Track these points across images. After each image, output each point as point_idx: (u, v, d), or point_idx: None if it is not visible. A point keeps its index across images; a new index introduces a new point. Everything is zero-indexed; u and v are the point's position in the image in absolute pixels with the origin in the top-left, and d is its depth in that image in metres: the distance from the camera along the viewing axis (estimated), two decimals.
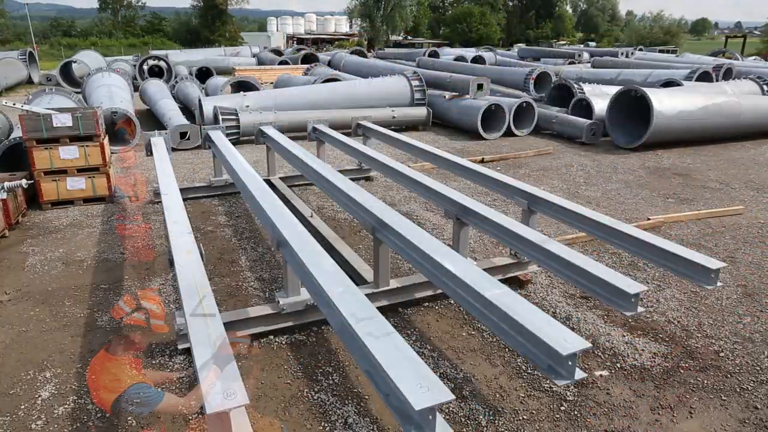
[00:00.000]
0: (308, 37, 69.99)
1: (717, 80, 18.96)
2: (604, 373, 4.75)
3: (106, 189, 9.33)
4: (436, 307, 5.83)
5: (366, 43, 59.99)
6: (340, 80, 17.81)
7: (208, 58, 33.67)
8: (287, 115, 13.91)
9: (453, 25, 70.14)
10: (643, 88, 13.23)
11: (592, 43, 67.06)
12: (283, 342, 5.20)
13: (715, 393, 4.52)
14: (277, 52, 37.23)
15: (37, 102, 11.96)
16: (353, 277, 5.29)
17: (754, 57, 37.38)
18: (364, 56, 32.58)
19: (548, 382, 4.61)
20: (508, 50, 44.94)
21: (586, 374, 3.91)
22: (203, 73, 25.84)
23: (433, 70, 20.11)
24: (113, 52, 44.20)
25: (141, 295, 3.12)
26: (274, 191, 6.53)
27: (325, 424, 4.15)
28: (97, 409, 4.19)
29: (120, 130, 12.96)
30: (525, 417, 4.23)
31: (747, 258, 7.16)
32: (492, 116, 14.81)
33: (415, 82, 16.20)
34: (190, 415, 3.19)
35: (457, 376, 4.71)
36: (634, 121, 13.53)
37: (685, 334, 5.37)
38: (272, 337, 5.25)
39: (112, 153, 10.56)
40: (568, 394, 4.49)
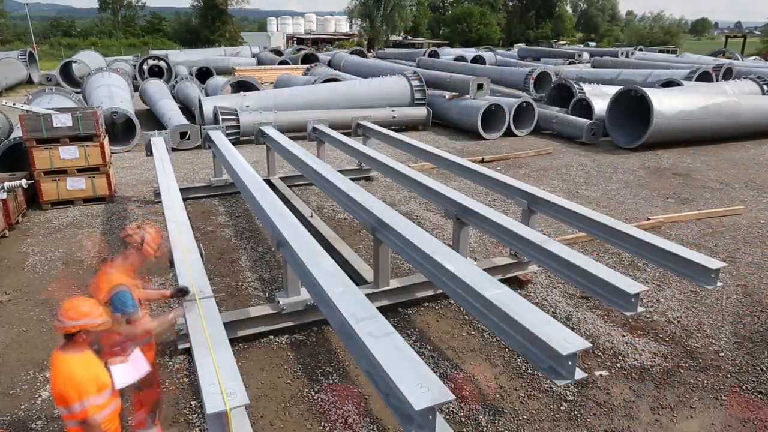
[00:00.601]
0: (308, 37, 69.97)
1: (717, 80, 18.97)
2: (604, 373, 4.75)
3: (107, 189, 9.33)
4: (436, 307, 5.83)
5: (366, 43, 59.96)
6: (340, 80, 17.82)
7: (208, 58, 33.68)
8: (287, 115, 13.91)
9: (453, 25, 70.13)
10: (643, 88, 13.24)
11: (592, 43, 67.00)
12: (284, 342, 5.20)
13: (715, 393, 4.52)
14: (277, 52, 37.25)
15: (37, 102, 11.97)
16: (353, 277, 5.29)
17: (754, 57, 37.41)
18: (364, 56, 32.59)
19: (548, 382, 4.61)
20: (508, 50, 44.93)
21: (586, 374, 3.91)
22: (203, 73, 25.85)
23: (433, 70, 20.12)
24: (113, 52, 44.19)
25: (144, 224, 3.62)
26: (274, 191, 6.53)
27: (325, 424, 4.16)
28: None
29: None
30: (525, 417, 4.23)
31: (747, 258, 7.16)
32: (492, 116, 14.81)
33: (415, 82, 16.21)
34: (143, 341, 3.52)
35: (457, 376, 4.71)
36: (634, 121, 13.53)
37: (685, 334, 5.37)
38: (272, 337, 5.25)
39: (112, 153, 10.56)
40: (568, 394, 4.50)
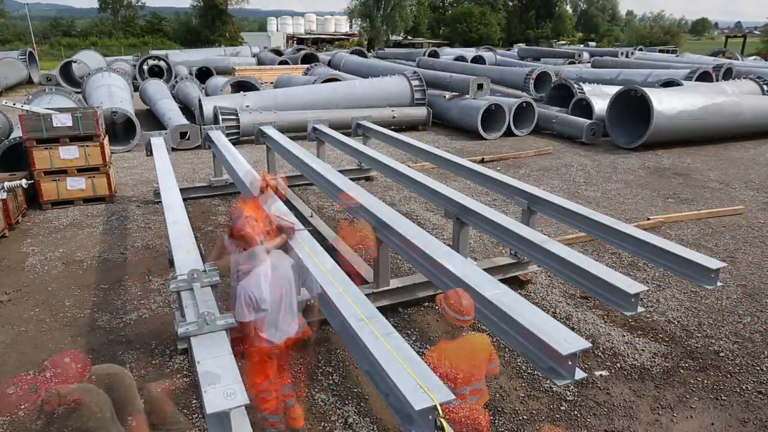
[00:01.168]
0: (308, 37, 69.94)
1: (717, 80, 18.96)
2: (604, 373, 4.75)
3: (107, 189, 9.33)
4: (437, 307, 5.83)
5: (366, 43, 59.94)
6: (340, 80, 17.82)
7: (208, 58, 33.65)
8: (287, 115, 13.91)
9: (453, 25, 70.11)
10: (643, 88, 13.24)
11: (592, 43, 66.99)
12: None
13: (715, 393, 4.52)
14: (277, 52, 37.24)
15: (37, 102, 11.97)
16: (353, 277, 5.28)
17: (754, 57, 37.39)
18: (364, 56, 32.59)
19: (548, 382, 4.61)
20: (508, 50, 44.88)
21: (586, 374, 3.91)
22: (203, 73, 25.85)
23: (433, 70, 20.11)
24: (113, 52, 44.17)
25: (270, 176, 4.36)
26: None
27: (325, 424, 4.15)
28: None
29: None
30: (525, 417, 4.23)
31: (747, 258, 7.16)
32: (492, 116, 14.81)
33: (415, 82, 16.20)
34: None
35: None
36: (634, 121, 13.53)
37: (685, 334, 5.37)
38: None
39: (112, 153, 10.56)
40: (568, 394, 4.50)
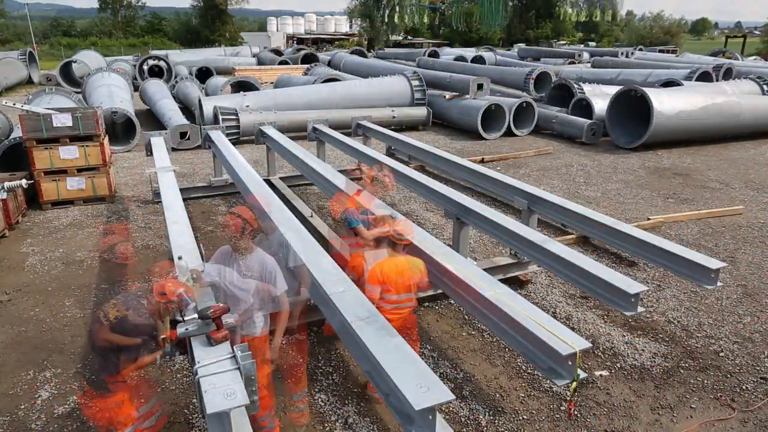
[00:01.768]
0: (308, 37, 69.92)
1: (717, 80, 18.95)
2: (604, 373, 4.75)
3: (107, 189, 9.33)
4: (436, 307, 5.83)
5: (366, 43, 59.92)
6: (340, 80, 17.81)
7: (208, 58, 33.64)
8: (287, 115, 13.90)
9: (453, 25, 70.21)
10: (643, 88, 13.23)
11: (592, 43, 66.91)
12: (284, 342, 5.19)
13: (715, 393, 4.52)
14: (277, 52, 37.23)
15: (37, 102, 11.97)
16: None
17: (754, 57, 37.37)
18: (364, 56, 32.58)
19: (548, 382, 4.61)
20: (508, 50, 44.85)
21: (586, 374, 3.91)
22: (203, 73, 25.83)
23: (433, 70, 20.11)
24: (113, 52, 44.15)
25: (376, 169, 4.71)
26: (274, 191, 6.54)
27: (325, 424, 4.15)
28: None
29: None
30: (525, 417, 4.23)
31: (747, 258, 7.15)
32: (492, 116, 14.80)
33: (415, 82, 16.20)
34: None
35: (457, 376, 4.71)
36: (634, 121, 13.53)
37: (685, 334, 5.37)
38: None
39: (112, 153, 10.56)
40: (568, 394, 4.49)
